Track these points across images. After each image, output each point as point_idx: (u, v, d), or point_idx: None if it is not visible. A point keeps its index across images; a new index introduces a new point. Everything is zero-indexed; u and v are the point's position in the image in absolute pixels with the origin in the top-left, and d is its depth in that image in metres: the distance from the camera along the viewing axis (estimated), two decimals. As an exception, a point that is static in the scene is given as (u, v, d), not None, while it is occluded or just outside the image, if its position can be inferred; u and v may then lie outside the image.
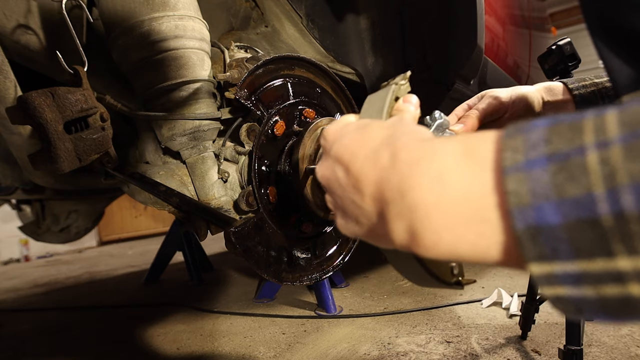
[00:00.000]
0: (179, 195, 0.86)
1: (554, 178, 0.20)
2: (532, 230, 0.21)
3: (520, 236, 0.21)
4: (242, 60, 0.92)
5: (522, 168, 0.21)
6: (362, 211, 0.31)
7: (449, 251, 0.25)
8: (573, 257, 0.20)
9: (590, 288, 0.20)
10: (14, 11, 0.81)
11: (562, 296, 0.21)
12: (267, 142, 0.91)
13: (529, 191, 0.21)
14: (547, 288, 0.22)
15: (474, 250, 0.24)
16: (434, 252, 0.26)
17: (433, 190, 0.25)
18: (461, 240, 0.24)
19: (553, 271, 0.21)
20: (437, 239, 0.25)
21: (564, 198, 0.20)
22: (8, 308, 2.57)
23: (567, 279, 0.20)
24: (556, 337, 1.35)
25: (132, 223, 6.75)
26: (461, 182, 0.24)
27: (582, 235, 0.20)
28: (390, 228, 0.28)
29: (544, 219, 0.20)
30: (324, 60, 1.35)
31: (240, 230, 0.83)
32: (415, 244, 0.26)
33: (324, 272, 1.02)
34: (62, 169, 0.69)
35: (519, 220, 0.21)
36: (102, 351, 1.65)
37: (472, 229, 0.24)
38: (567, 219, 0.20)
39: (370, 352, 1.34)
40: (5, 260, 5.52)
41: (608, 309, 0.20)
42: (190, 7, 0.86)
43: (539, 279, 0.22)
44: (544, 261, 0.21)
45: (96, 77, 0.95)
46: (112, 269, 3.77)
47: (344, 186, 0.32)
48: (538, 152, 0.21)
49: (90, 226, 2.20)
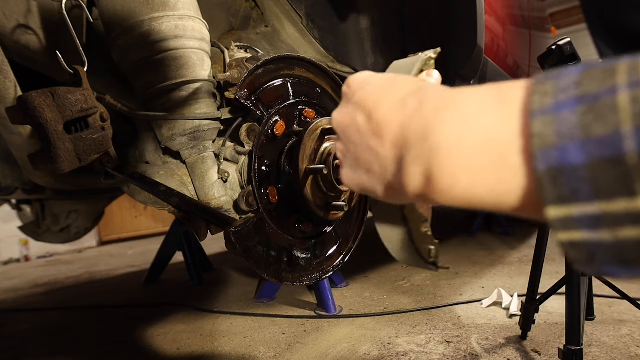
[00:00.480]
0: (179, 195, 0.86)
1: (581, 118, 0.20)
2: (553, 171, 0.21)
3: (541, 178, 0.21)
4: (242, 60, 0.92)
5: (549, 111, 0.21)
6: (377, 158, 0.31)
7: (464, 195, 0.25)
8: (593, 198, 0.20)
9: (608, 231, 0.20)
10: (14, 11, 0.81)
11: (577, 241, 0.21)
12: (267, 142, 0.91)
13: (554, 132, 0.21)
14: (563, 233, 0.21)
15: (491, 194, 0.24)
16: (449, 195, 0.26)
17: (457, 132, 0.25)
18: (479, 183, 0.24)
19: (571, 214, 0.20)
20: (454, 182, 0.25)
21: (590, 137, 0.20)
22: (8, 308, 2.57)
23: (584, 221, 0.20)
24: (556, 337, 1.35)
25: (132, 223, 6.75)
26: (486, 125, 0.24)
27: (604, 174, 0.19)
28: (406, 173, 0.28)
29: (567, 159, 0.20)
30: (324, 60, 1.35)
31: (240, 230, 0.83)
32: (431, 187, 0.26)
33: (324, 272, 1.02)
34: (62, 169, 0.69)
35: (541, 162, 0.21)
36: (102, 351, 1.65)
37: (492, 172, 0.23)
38: (591, 159, 0.20)
39: (370, 352, 1.34)
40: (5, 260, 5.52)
41: (623, 254, 0.20)
42: (190, 7, 0.86)
43: (556, 223, 0.21)
44: (563, 203, 0.21)
45: (96, 77, 0.95)
46: (112, 269, 3.77)
47: (362, 132, 0.32)
48: (567, 95, 0.21)
49: (90, 226, 2.20)
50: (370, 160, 0.32)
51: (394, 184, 0.30)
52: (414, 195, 0.28)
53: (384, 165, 0.31)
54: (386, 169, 0.31)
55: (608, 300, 1.63)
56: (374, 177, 0.32)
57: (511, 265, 2.36)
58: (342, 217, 1.02)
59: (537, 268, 1.33)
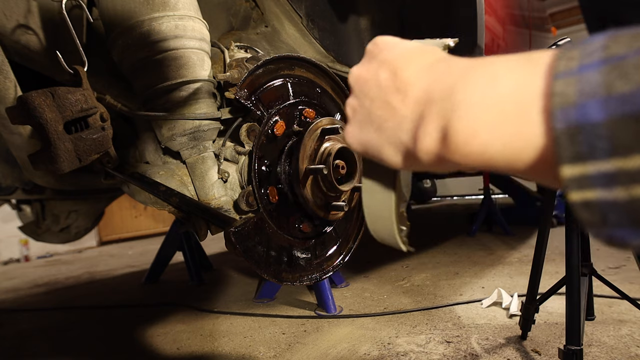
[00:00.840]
0: (179, 195, 0.86)
1: (605, 77, 0.20)
2: (572, 129, 0.21)
3: (559, 136, 0.21)
4: (242, 60, 0.92)
5: (573, 72, 0.21)
6: (393, 114, 0.31)
7: (479, 150, 0.25)
8: (610, 155, 0.20)
9: (622, 189, 0.20)
10: (14, 11, 0.81)
11: (590, 200, 0.21)
12: (267, 142, 0.91)
13: (576, 91, 0.21)
14: (577, 192, 0.21)
15: (506, 151, 0.24)
16: (463, 151, 0.26)
17: (482, 89, 0.25)
18: (496, 139, 0.24)
19: (586, 172, 0.21)
20: (472, 137, 0.25)
21: (612, 94, 0.20)
22: (8, 308, 2.57)
23: (600, 179, 0.20)
24: (556, 337, 1.35)
25: (132, 223, 6.74)
26: (511, 84, 0.24)
27: (623, 131, 0.19)
28: (424, 129, 0.28)
29: (587, 116, 0.20)
30: (324, 60, 1.35)
31: (240, 230, 0.83)
32: (447, 143, 0.26)
33: (324, 272, 1.02)
34: (62, 169, 0.69)
35: (559, 121, 0.21)
36: (102, 351, 1.65)
37: (510, 129, 0.24)
38: (611, 115, 0.20)
39: (370, 352, 1.34)
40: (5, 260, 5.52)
41: (635, 214, 0.20)
42: (190, 7, 0.86)
43: (570, 182, 0.21)
44: (579, 161, 0.21)
45: (96, 77, 0.95)
46: (112, 269, 3.76)
47: (383, 87, 0.32)
48: (593, 57, 0.21)
49: (90, 226, 2.20)
50: (384, 116, 0.32)
51: (405, 143, 0.30)
52: (425, 154, 0.29)
53: (398, 123, 0.31)
54: (400, 126, 0.30)
55: (608, 300, 1.63)
56: (383, 135, 0.32)
57: (511, 265, 2.36)
58: (342, 217, 1.02)
59: (537, 268, 1.33)
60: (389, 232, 0.39)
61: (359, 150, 0.35)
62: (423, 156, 0.29)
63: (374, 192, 0.40)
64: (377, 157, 0.34)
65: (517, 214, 3.86)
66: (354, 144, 0.35)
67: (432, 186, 6.94)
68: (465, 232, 3.68)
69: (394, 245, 0.40)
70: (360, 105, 0.35)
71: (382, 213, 0.39)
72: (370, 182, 0.40)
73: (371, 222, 0.41)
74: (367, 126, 0.34)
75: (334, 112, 1.07)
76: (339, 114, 1.08)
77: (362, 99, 0.34)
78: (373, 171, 0.39)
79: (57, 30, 0.85)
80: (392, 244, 0.40)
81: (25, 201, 1.97)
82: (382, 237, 0.41)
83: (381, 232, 0.40)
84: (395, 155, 0.32)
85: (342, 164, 0.94)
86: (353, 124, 0.35)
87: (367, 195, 0.41)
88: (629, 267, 2.10)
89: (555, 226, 3.41)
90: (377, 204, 0.40)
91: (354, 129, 0.35)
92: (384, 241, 0.41)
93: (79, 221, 2.08)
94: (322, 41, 1.33)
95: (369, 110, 0.33)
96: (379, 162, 0.35)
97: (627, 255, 2.28)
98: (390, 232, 0.39)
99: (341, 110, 1.09)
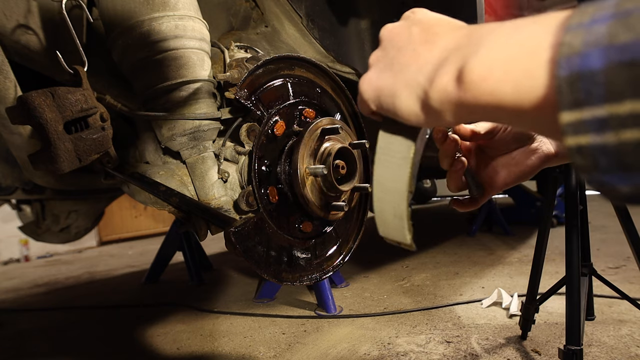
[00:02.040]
0: (179, 195, 0.86)
1: (610, 29, 0.21)
2: (573, 77, 0.22)
3: (560, 84, 0.23)
4: (242, 60, 0.92)
5: (584, 25, 0.23)
6: (417, 59, 0.33)
7: (491, 89, 0.27)
8: (604, 101, 0.21)
9: (612, 133, 0.21)
10: (14, 11, 0.81)
11: (583, 145, 0.23)
12: (267, 142, 0.91)
13: (582, 42, 0.22)
14: (572, 138, 0.23)
15: (515, 92, 0.26)
16: (477, 88, 0.27)
17: (501, 37, 0.27)
18: (508, 80, 0.26)
19: (582, 117, 0.22)
20: (487, 74, 0.27)
21: (613, 44, 0.21)
22: (8, 308, 2.57)
23: (593, 124, 0.22)
24: (556, 337, 1.35)
25: (132, 223, 6.75)
26: (527, 34, 0.26)
27: (618, 77, 0.21)
28: (443, 69, 0.30)
29: (588, 64, 0.22)
30: (324, 60, 1.35)
31: (240, 230, 0.83)
32: (461, 80, 0.28)
33: (324, 272, 1.02)
34: (62, 169, 0.69)
35: (563, 69, 0.23)
36: (102, 351, 1.65)
37: (521, 73, 0.25)
38: (609, 63, 0.21)
39: (370, 352, 1.34)
40: (5, 260, 5.52)
41: (623, 158, 0.21)
42: (190, 7, 0.86)
43: (567, 128, 0.23)
44: (577, 107, 0.22)
45: (96, 77, 0.95)
46: (112, 269, 3.76)
47: (413, 38, 0.34)
48: (604, 12, 0.22)
49: (90, 226, 2.20)
50: (407, 62, 0.33)
51: (422, 84, 0.32)
52: (438, 92, 0.30)
53: (420, 66, 0.32)
54: (421, 69, 0.32)
55: (608, 300, 1.63)
56: (401, 78, 0.33)
57: (511, 265, 2.36)
58: (342, 217, 1.02)
59: (537, 268, 1.33)
60: (398, 224, 0.39)
61: (371, 95, 0.36)
62: (436, 95, 0.30)
63: (386, 180, 0.40)
64: (389, 103, 0.35)
65: (517, 214, 3.86)
66: (368, 90, 0.37)
67: (432, 186, 6.94)
68: (465, 232, 3.67)
69: (401, 239, 0.40)
70: (384, 55, 0.37)
71: (393, 200, 0.39)
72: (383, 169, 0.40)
73: (380, 210, 0.40)
74: (386, 72, 0.35)
75: (334, 112, 1.07)
76: (339, 114, 1.08)
77: (388, 49, 0.36)
78: (393, 125, 0.39)
79: (57, 30, 0.85)
80: (399, 237, 0.40)
81: (25, 201, 1.97)
82: (390, 230, 0.40)
83: (389, 224, 0.40)
84: (408, 99, 0.33)
85: (342, 164, 0.94)
86: (372, 71, 0.37)
87: (379, 178, 0.40)
88: (629, 267, 2.10)
89: (555, 226, 3.41)
90: (388, 192, 0.39)
91: (372, 74, 0.37)
92: (389, 235, 0.41)
93: (79, 221, 2.08)
94: (322, 41, 1.33)
95: (393, 58, 0.35)
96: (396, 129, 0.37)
97: (627, 255, 2.28)
98: (398, 228, 0.39)
99: (341, 110, 1.09)
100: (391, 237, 0.41)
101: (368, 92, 0.37)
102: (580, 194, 1.22)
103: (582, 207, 1.23)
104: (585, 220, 1.26)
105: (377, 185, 0.40)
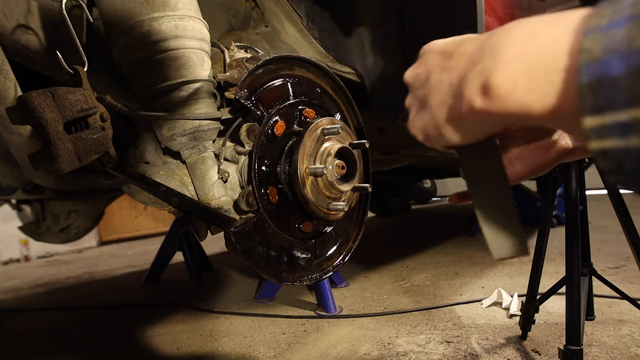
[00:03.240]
0: (179, 195, 0.86)
1: (628, 32, 0.21)
2: (594, 83, 0.22)
3: (582, 90, 0.23)
4: (242, 60, 0.92)
5: (602, 29, 0.23)
6: (441, 87, 0.34)
7: (519, 100, 0.27)
8: (626, 106, 0.21)
9: (636, 137, 0.22)
10: (14, 11, 0.81)
11: (607, 149, 0.23)
12: (267, 142, 0.91)
13: (601, 48, 0.22)
14: (596, 142, 0.23)
15: (541, 100, 0.26)
16: (505, 101, 0.28)
17: (521, 44, 0.27)
18: (533, 90, 0.26)
19: (605, 122, 0.22)
20: (512, 87, 0.27)
21: (632, 49, 0.21)
22: (8, 308, 2.57)
23: (616, 129, 0.22)
24: (556, 337, 1.35)
25: (132, 223, 6.74)
26: (545, 41, 0.26)
27: (638, 83, 0.21)
28: (467, 87, 0.31)
29: (608, 70, 0.22)
30: (324, 60, 1.35)
31: (240, 230, 0.83)
32: (489, 94, 0.29)
33: (324, 272, 1.02)
34: (62, 169, 0.69)
35: (584, 76, 0.23)
36: (102, 351, 1.65)
37: (545, 82, 0.26)
38: (630, 69, 0.21)
39: (370, 352, 1.34)
40: (5, 260, 5.51)
41: None
42: (190, 7, 0.86)
43: (590, 132, 0.23)
44: (599, 113, 0.23)
45: (96, 77, 0.95)
46: (112, 269, 3.76)
47: (431, 70, 0.36)
48: (622, 15, 0.22)
49: (90, 226, 2.20)
50: (435, 93, 0.35)
51: (454, 106, 0.33)
52: (472, 108, 0.31)
53: (447, 92, 0.33)
54: (448, 94, 0.33)
55: (608, 300, 1.63)
56: (436, 110, 0.35)
57: (511, 265, 2.36)
58: (342, 217, 1.02)
59: (537, 268, 1.33)
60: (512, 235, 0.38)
61: (421, 137, 0.39)
62: (469, 115, 0.31)
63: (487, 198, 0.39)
64: (437, 137, 0.36)
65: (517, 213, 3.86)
66: (417, 134, 0.39)
67: (432, 186, 6.93)
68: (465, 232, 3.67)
69: (519, 251, 0.38)
70: (414, 97, 0.39)
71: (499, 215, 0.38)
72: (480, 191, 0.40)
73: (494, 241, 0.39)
74: (421, 111, 0.37)
75: (334, 112, 1.07)
76: (339, 114, 1.08)
77: (416, 91, 0.38)
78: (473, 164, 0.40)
79: (57, 30, 0.85)
80: (518, 249, 0.38)
81: (25, 201, 1.97)
82: (505, 247, 0.38)
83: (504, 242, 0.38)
84: (450, 125, 0.34)
85: (342, 164, 0.94)
86: (412, 115, 0.39)
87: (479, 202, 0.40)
88: (629, 267, 2.10)
89: (555, 226, 3.41)
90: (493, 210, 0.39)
91: (412, 118, 0.39)
92: (507, 254, 0.38)
93: (79, 221, 2.08)
94: (322, 41, 1.33)
95: (423, 96, 0.37)
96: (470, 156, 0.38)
97: (627, 255, 2.28)
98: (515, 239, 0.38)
99: (341, 110, 1.09)
100: (510, 255, 0.39)
101: (419, 135, 0.39)
102: (580, 194, 1.22)
103: (582, 207, 1.23)
104: (585, 220, 1.26)
105: (481, 211, 0.40)
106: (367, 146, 0.98)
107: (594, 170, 1.32)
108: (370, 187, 0.98)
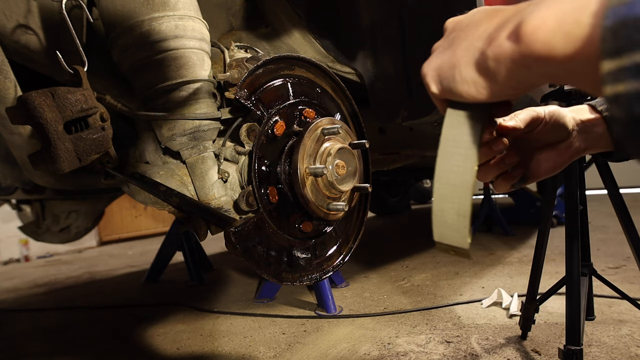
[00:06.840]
0: (179, 195, 0.86)
1: None
2: (617, 25, 0.23)
3: (604, 32, 0.24)
4: (242, 60, 0.92)
5: None
6: (477, 29, 0.36)
7: (545, 38, 0.28)
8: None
9: None
10: (14, 11, 0.81)
11: (620, 93, 0.23)
12: (267, 142, 0.91)
13: None
14: (611, 86, 0.24)
15: (565, 41, 0.27)
16: (531, 37, 0.29)
17: None
18: (559, 30, 0.27)
19: (622, 64, 0.23)
20: (541, 24, 0.29)
21: None
22: (8, 308, 2.57)
23: (632, 70, 0.22)
24: (556, 337, 1.35)
25: (132, 223, 6.74)
26: None
27: None
28: (502, 29, 0.32)
29: (633, 11, 0.22)
30: (324, 60, 1.35)
31: (240, 230, 0.83)
32: (518, 33, 0.30)
33: (324, 272, 1.02)
34: (62, 169, 0.69)
35: (609, 19, 0.23)
36: (102, 351, 1.65)
37: (572, 23, 0.27)
38: None
39: (370, 352, 1.34)
40: (5, 260, 5.51)
41: None
42: (190, 7, 0.86)
43: (607, 76, 0.24)
44: (617, 55, 0.23)
45: (96, 77, 0.95)
46: (112, 269, 3.76)
47: (476, 17, 0.37)
48: None
49: (90, 226, 2.20)
50: (467, 35, 0.36)
51: (480, 48, 0.34)
52: (495, 48, 0.32)
53: (480, 34, 0.35)
54: (480, 37, 0.35)
55: (608, 300, 1.63)
56: (460, 48, 0.36)
57: (511, 265, 2.36)
58: (342, 217, 1.02)
59: (537, 268, 1.33)
60: (460, 224, 0.37)
61: (432, 77, 0.39)
62: (491, 53, 0.33)
63: (451, 173, 0.37)
64: (449, 77, 0.37)
65: (517, 214, 3.86)
66: (429, 71, 0.40)
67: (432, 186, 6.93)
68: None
69: (459, 243, 0.37)
70: (445, 39, 0.40)
71: (458, 196, 0.37)
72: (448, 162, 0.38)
73: (440, 209, 0.37)
74: (446, 51, 0.38)
75: (334, 112, 1.07)
76: (339, 114, 1.08)
77: (450, 33, 0.40)
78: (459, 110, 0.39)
79: (57, 30, 0.85)
80: (458, 241, 0.37)
81: (25, 201, 1.97)
82: (448, 232, 0.37)
83: (450, 225, 0.37)
84: (466, 66, 0.36)
85: (342, 164, 0.94)
86: (433, 55, 0.40)
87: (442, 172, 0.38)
88: (629, 267, 2.10)
89: (555, 226, 3.41)
90: (454, 187, 0.37)
91: (433, 57, 0.40)
92: (446, 238, 0.37)
93: (79, 221, 2.08)
94: (322, 41, 1.33)
95: (454, 38, 0.38)
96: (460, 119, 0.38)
97: (627, 255, 2.28)
98: (461, 225, 0.36)
99: (341, 110, 1.09)
100: (447, 241, 0.38)
101: (429, 73, 0.40)
102: (580, 194, 1.22)
103: (582, 207, 1.23)
104: (585, 220, 1.26)
105: (439, 180, 0.38)
106: (367, 146, 0.98)
107: (594, 170, 1.32)
108: (370, 187, 0.98)
